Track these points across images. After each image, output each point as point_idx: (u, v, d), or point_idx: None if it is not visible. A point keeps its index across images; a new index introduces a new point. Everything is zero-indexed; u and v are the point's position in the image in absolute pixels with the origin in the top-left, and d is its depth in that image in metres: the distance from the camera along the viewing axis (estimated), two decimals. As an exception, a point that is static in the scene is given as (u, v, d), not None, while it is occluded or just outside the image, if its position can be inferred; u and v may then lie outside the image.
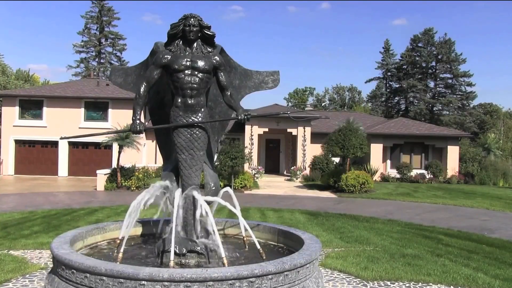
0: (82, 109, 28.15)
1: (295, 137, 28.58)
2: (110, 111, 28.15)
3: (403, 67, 58.31)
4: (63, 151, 27.91)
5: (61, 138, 5.83)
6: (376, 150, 28.80)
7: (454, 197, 19.93)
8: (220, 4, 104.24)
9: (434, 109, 56.33)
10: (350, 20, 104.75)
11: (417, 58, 56.44)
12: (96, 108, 28.43)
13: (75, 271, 4.17)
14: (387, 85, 62.04)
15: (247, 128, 27.54)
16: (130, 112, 5.71)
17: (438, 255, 8.73)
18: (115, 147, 24.05)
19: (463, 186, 26.21)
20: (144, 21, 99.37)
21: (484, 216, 14.71)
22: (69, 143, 27.89)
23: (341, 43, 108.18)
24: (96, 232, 5.83)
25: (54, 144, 27.87)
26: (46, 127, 27.75)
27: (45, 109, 28.09)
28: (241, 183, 21.57)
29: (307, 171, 27.41)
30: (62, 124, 26.95)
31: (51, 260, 5.79)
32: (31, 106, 28.25)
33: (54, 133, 26.59)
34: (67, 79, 56.17)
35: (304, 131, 28.05)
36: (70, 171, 27.95)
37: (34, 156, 28.13)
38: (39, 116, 28.15)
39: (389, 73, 61.19)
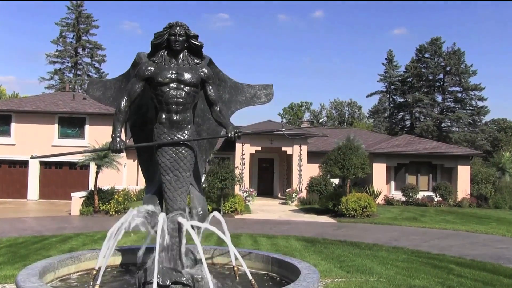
0: (56, 125, 28.06)
1: (290, 156, 28.65)
2: (87, 127, 28.09)
3: (408, 79, 58.95)
4: (34, 171, 27.71)
5: (32, 157, 5.83)
6: (379, 170, 28.91)
7: (465, 222, 19.99)
8: (205, 12, 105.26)
9: (442, 125, 56.85)
10: (345, 29, 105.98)
11: (423, 70, 57.10)
12: (72, 124, 28.34)
13: (45, 306, 4.13)
14: (391, 99, 62.59)
15: (238, 146, 27.57)
16: (109, 129, 5.74)
17: (449, 286, 8.73)
18: (93, 167, 23.93)
19: (475, 210, 26.30)
20: (123, 30, 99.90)
21: (500, 244, 14.72)
22: (41, 162, 27.71)
23: (337, 55, 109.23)
24: (70, 262, 5.78)
25: (24, 164, 27.66)
26: (14, 145, 27.59)
27: (13, 125, 27.95)
28: (231, 207, 21.50)
29: (304, 194, 27.41)
30: (32, 142, 26.80)
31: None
32: (-2, 122, 28.13)
33: (23, 151, 26.42)
34: (39, 92, 56.11)
35: (300, 149, 28.13)
36: (41, 194, 27.71)
37: (0, 177, 27.90)
38: (6, 133, 27.99)
39: (392, 86, 61.79)
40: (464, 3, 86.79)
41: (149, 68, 5.31)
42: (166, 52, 5.41)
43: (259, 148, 28.13)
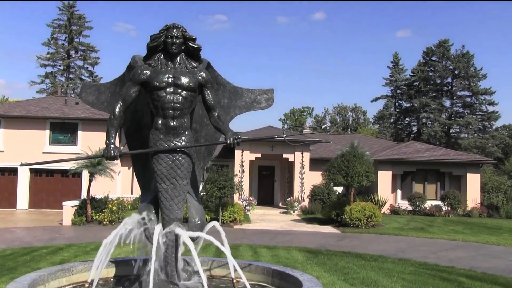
0: (47, 131, 28.07)
1: (292, 163, 28.64)
2: (79, 133, 28.11)
3: (415, 83, 59.00)
4: (23, 179, 27.69)
5: (22, 165, 5.84)
6: (385, 178, 28.90)
7: (475, 233, 19.95)
8: (202, 13, 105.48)
9: (450, 131, 56.85)
10: (347, 31, 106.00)
11: (430, 74, 57.16)
12: (64, 129, 28.36)
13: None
14: (397, 104, 62.67)
15: (237, 153, 27.57)
16: (103, 135, 5.75)
17: (457, 300, 8.72)
18: (85, 174, 23.92)
19: (486, 220, 26.26)
20: (117, 31, 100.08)
21: (512, 256, 14.73)
22: (31, 170, 27.69)
23: (339, 58, 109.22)
24: (61, 274, 5.77)
25: (13, 171, 27.66)
26: (3, 151, 27.58)
27: (2, 130, 27.96)
28: (230, 217, 21.48)
29: (306, 203, 27.37)
30: (22, 148, 26.81)
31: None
32: (-14, 127, 28.13)
33: (12, 158, 26.42)
34: (30, 97, 56.19)
35: (302, 156, 28.13)
36: (31, 202, 27.67)
37: (-11, 185, 27.89)
38: (-5, 139, 28.03)
39: (398, 91, 61.87)
40: (472, 3, 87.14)
41: (144, 71, 5.32)
42: (162, 55, 5.42)
43: (259, 155, 28.12)
